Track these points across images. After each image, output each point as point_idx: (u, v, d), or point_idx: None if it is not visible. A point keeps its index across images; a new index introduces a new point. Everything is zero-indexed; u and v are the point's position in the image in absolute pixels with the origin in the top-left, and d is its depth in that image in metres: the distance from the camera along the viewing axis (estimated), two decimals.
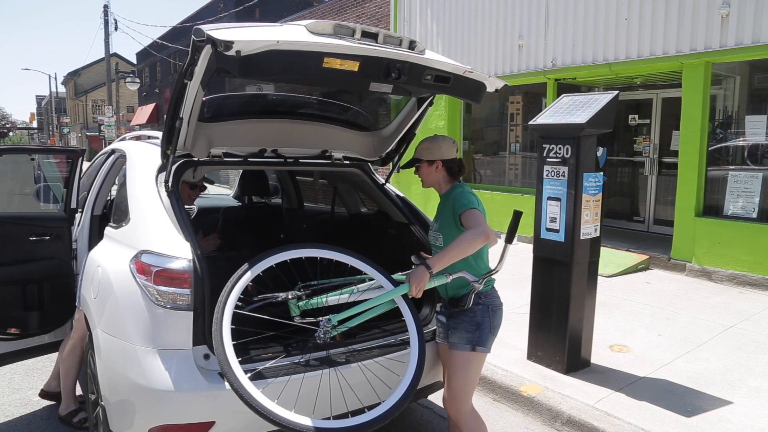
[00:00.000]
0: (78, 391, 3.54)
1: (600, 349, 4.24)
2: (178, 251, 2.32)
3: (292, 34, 2.08)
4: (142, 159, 2.94)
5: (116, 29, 24.31)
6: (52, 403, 3.60)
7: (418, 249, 2.69)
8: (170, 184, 2.61)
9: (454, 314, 2.53)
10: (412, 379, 2.22)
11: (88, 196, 3.56)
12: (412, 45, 2.31)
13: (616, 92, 3.84)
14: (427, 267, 2.31)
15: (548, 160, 3.90)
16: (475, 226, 2.31)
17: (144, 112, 32.72)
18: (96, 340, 2.53)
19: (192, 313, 2.26)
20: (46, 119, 65.32)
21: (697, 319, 5.09)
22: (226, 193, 7.92)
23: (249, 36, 1.95)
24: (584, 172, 3.76)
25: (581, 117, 3.71)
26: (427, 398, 3.46)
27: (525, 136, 9.73)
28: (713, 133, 6.86)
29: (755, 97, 6.91)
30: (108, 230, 2.91)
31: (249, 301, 2.43)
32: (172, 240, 2.39)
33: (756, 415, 3.35)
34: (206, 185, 3.66)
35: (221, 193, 8.80)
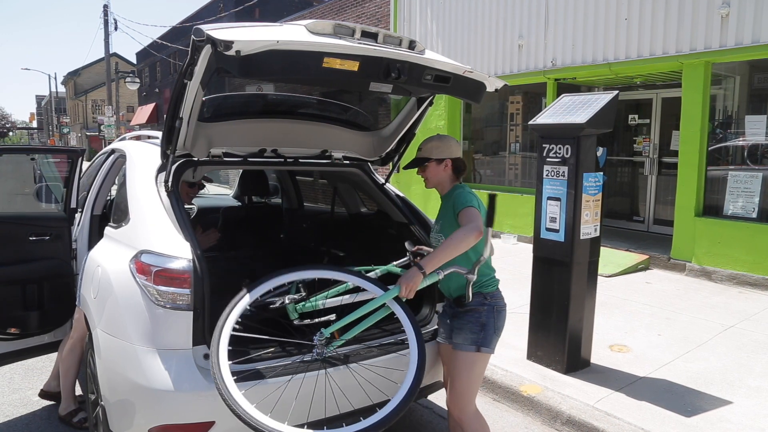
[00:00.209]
0: (78, 391, 3.54)
1: (600, 349, 4.24)
2: (178, 251, 2.32)
3: (292, 33, 2.08)
4: (142, 159, 2.94)
5: (116, 29, 24.37)
6: (52, 403, 3.60)
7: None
8: (170, 183, 2.61)
9: (458, 314, 2.53)
10: (412, 382, 2.19)
11: (88, 196, 3.56)
12: (412, 45, 2.31)
13: (615, 92, 3.84)
14: (419, 267, 2.30)
15: (548, 159, 3.90)
16: (468, 223, 2.31)
17: (144, 112, 32.71)
18: (96, 340, 2.53)
19: (192, 313, 2.26)
20: (46, 119, 65.36)
21: (697, 319, 5.09)
22: (226, 193, 7.91)
23: (249, 36, 1.95)
24: (584, 172, 3.76)
25: (581, 117, 3.72)
26: (427, 398, 3.45)
27: (525, 136, 9.72)
28: (713, 133, 6.86)
29: (755, 97, 6.91)
30: (108, 230, 2.91)
31: (248, 311, 2.42)
32: (172, 240, 2.39)
33: (756, 414, 3.35)
34: (204, 183, 3.66)
35: (221, 193, 8.79)
